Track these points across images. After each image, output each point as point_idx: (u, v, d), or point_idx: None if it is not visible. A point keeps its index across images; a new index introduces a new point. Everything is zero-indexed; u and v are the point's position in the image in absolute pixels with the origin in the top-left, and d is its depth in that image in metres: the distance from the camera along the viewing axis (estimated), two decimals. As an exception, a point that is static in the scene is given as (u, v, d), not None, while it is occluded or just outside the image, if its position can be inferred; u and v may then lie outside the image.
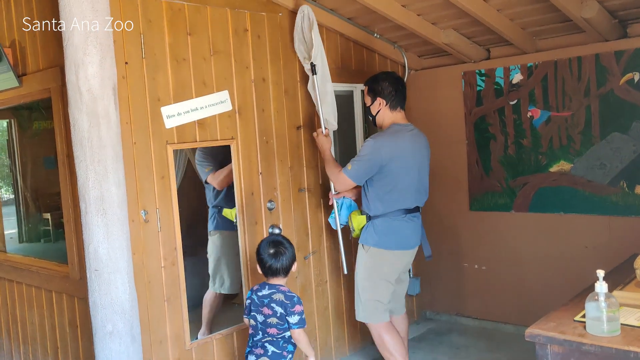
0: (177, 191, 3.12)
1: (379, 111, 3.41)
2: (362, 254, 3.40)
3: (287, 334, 2.82)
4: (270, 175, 3.59)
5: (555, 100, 4.01)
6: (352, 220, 3.49)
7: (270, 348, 2.81)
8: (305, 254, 3.80)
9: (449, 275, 4.70)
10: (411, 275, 4.49)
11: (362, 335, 4.19)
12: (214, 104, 3.26)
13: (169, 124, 3.05)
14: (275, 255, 2.84)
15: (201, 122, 3.20)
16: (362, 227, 3.42)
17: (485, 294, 4.52)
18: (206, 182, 3.88)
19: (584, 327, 2.01)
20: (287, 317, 2.77)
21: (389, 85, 3.37)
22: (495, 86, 4.29)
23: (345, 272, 3.75)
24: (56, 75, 3.05)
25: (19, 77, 3.35)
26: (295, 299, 2.80)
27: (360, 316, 3.44)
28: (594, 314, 1.96)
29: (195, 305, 3.46)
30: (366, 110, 3.54)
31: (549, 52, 4.02)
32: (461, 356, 4.03)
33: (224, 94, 3.31)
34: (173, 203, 3.07)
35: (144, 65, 2.95)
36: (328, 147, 3.54)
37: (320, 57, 3.57)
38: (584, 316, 2.06)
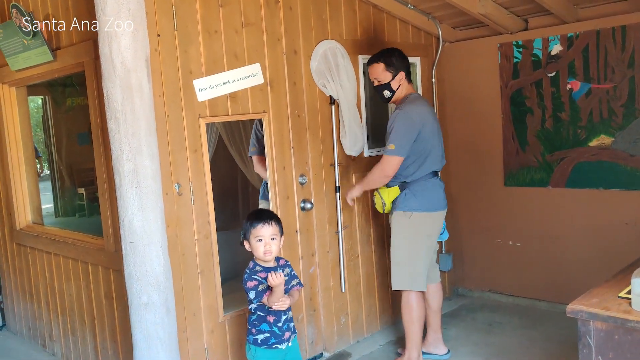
0: (210, 165, 3.11)
1: (399, 85, 3.40)
2: (402, 221, 3.36)
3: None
4: (302, 150, 3.56)
5: (597, 72, 3.86)
6: (381, 194, 3.44)
7: None
8: (336, 229, 3.77)
9: (482, 251, 4.63)
10: (443, 251, 4.46)
11: (393, 310, 4.17)
12: (246, 77, 3.23)
13: (201, 97, 3.03)
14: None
15: (233, 96, 3.18)
16: (394, 199, 3.39)
17: (519, 271, 4.44)
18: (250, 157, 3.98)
19: (629, 303, 1.94)
20: None
21: (402, 57, 3.41)
22: (533, 58, 4.15)
23: (343, 290, 3.79)
24: (89, 49, 3.05)
25: (53, 51, 3.37)
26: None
27: (400, 285, 3.39)
28: (640, 290, 1.89)
29: (227, 278, 3.47)
30: (375, 88, 3.47)
31: (590, 22, 3.86)
32: (495, 333, 3.98)
33: (256, 67, 3.27)
34: (206, 176, 3.07)
35: (176, 38, 2.93)
36: (357, 191, 3.50)
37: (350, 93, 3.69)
38: (629, 292, 1.99)
